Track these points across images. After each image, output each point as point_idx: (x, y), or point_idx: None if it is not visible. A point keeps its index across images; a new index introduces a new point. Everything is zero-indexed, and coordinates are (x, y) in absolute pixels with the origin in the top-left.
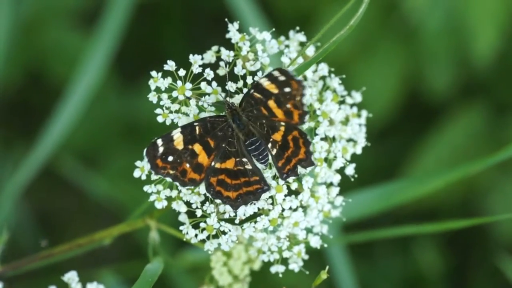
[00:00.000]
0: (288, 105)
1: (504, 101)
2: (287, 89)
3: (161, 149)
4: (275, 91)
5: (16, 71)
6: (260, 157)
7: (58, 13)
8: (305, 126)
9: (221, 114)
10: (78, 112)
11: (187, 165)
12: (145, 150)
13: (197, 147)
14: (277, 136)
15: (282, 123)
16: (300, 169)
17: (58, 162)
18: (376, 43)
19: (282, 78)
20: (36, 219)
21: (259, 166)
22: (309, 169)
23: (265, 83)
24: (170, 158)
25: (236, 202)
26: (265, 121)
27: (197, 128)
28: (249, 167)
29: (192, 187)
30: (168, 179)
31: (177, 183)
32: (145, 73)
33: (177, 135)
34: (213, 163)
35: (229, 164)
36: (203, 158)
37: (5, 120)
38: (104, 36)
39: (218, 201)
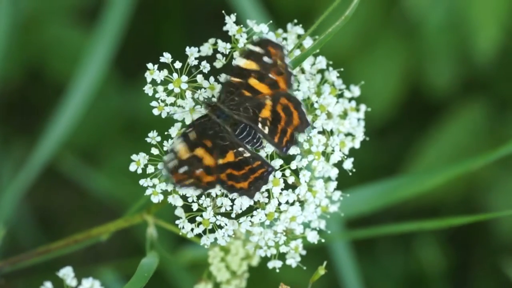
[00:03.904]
0: (271, 75)
1: (505, 97)
2: (266, 59)
3: (171, 164)
4: (254, 67)
5: (15, 69)
6: (254, 141)
7: (57, 10)
8: None
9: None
10: (81, 109)
11: (199, 170)
12: (162, 169)
13: (199, 152)
14: (266, 113)
15: (268, 97)
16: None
17: (59, 159)
18: (376, 39)
19: (257, 49)
20: (36, 217)
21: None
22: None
23: (241, 62)
24: (182, 170)
25: (250, 191)
26: (249, 103)
27: (190, 135)
28: (247, 154)
29: (213, 189)
30: (192, 189)
31: (200, 190)
32: (145, 70)
33: (178, 147)
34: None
35: (230, 157)
36: (208, 160)
37: (4, 118)
38: (105, 32)
39: (234, 195)
